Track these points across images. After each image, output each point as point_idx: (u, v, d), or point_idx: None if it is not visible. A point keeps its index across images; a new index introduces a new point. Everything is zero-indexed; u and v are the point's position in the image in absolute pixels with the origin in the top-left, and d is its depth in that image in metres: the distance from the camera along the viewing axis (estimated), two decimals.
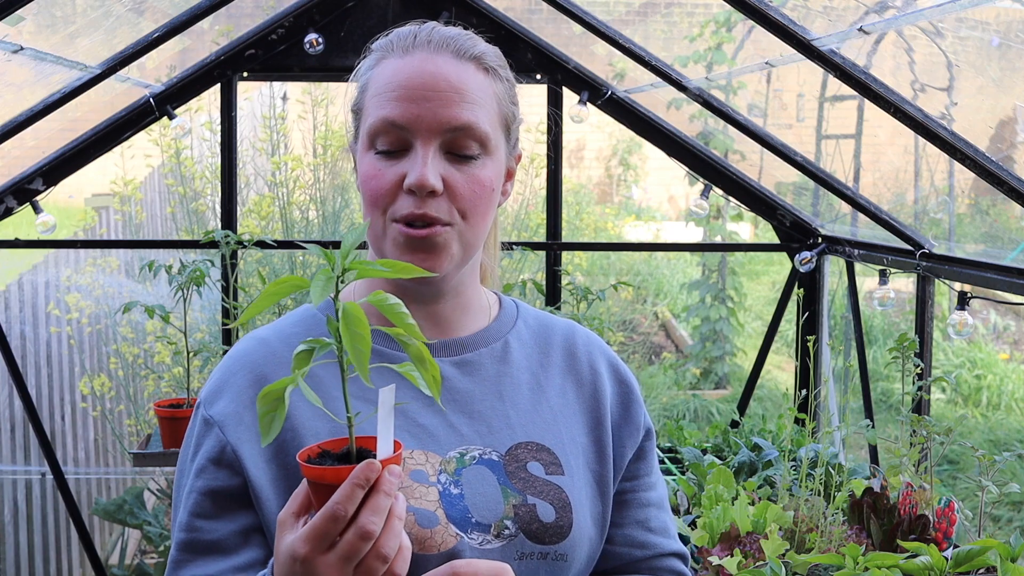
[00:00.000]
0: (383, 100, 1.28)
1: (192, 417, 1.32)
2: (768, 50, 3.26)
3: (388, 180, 1.27)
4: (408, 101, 1.26)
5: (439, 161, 1.27)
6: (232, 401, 1.28)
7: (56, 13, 3.12)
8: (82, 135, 3.82)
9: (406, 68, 1.28)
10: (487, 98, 1.31)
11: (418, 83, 1.27)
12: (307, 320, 1.36)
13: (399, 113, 1.26)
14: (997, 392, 7.62)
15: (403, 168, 1.27)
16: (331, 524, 1.05)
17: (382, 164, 1.28)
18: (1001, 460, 2.61)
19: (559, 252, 4.20)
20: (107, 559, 5.03)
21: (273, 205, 5.49)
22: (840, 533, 2.57)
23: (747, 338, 8.53)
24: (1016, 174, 2.64)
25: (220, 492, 1.25)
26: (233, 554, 1.24)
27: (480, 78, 1.31)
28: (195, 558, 1.24)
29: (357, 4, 3.84)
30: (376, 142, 1.28)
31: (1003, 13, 2.49)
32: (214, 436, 1.27)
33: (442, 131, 1.26)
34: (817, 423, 3.71)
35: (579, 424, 1.37)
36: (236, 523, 1.25)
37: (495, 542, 1.26)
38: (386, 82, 1.29)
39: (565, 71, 3.99)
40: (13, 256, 4.79)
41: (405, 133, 1.27)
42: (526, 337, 1.40)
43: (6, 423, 4.67)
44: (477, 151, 1.29)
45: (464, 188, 1.27)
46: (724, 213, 7.77)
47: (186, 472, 1.29)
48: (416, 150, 1.26)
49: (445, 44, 1.30)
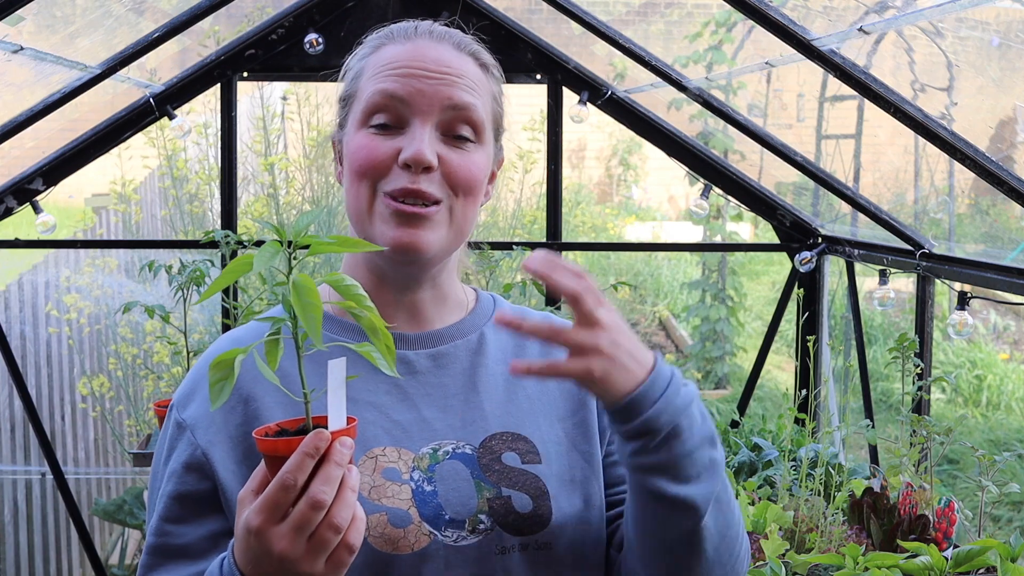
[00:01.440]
0: (383, 76, 1.28)
1: (166, 419, 1.32)
2: (768, 50, 3.26)
3: (382, 152, 1.27)
4: (409, 77, 1.27)
5: (435, 140, 1.27)
6: (204, 403, 1.28)
7: (56, 13, 3.12)
8: (82, 135, 3.82)
9: (409, 49, 1.30)
10: (483, 90, 1.32)
11: (420, 63, 1.28)
12: (279, 317, 1.38)
13: (400, 86, 1.27)
14: (997, 392, 7.62)
15: (398, 143, 1.27)
16: (281, 493, 1.05)
17: (376, 138, 1.28)
18: (1001, 460, 2.61)
19: (559, 252, 4.20)
20: (107, 559, 5.03)
21: (268, 206, 5.50)
22: (840, 533, 2.57)
23: (747, 338, 8.53)
24: (1016, 174, 2.64)
25: (190, 496, 1.25)
26: (201, 559, 1.23)
27: (478, 71, 1.32)
28: (164, 562, 1.24)
29: (357, 4, 3.84)
30: (372, 117, 1.28)
31: (1003, 13, 2.49)
32: (186, 440, 1.27)
33: (441, 108, 1.27)
34: (817, 423, 3.71)
35: (561, 409, 1.36)
36: (205, 528, 1.25)
37: (470, 538, 1.25)
38: (387, 62, 1.29)
39: (565, 71, 3.99)
40: (13, 256, 4.79)
41: (404, 108, 1.27)
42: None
43: (6, 423, 4.67)
44: (471, 135, 1.29)
45: (460, 168, 1.28)
46: (724, 213, 7.77)
47: (160, 475, 1.29)
48: (414, 126, 1.27)
49: (445, 36, 1.32)
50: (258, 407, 1.27)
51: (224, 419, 1.26)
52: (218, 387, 1.07)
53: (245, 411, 1.27)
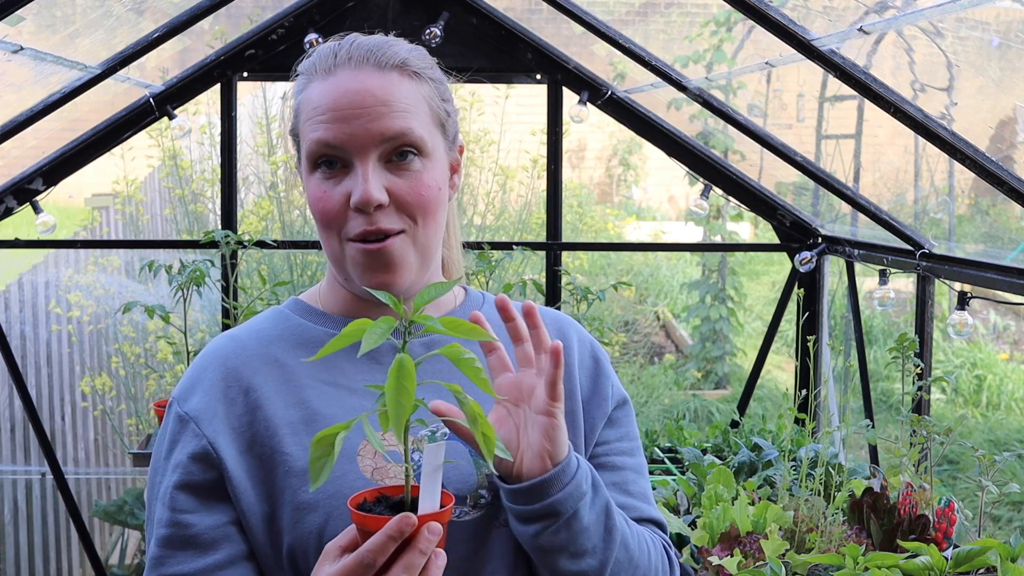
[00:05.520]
0: (314, 124, 1.30)
1: (165, 416, 1.34)
2: (768, 50, 3.26)
3: (335, 201, 1.29)
4: (338, 122, 1.28)
5: (380, 173, 1.29)
6: (205, 396, 1.31)
7: (56, 13, 3.12)
8: (82, 135, 3.82)
9: (331, 89, 1.30)
10: (416, 102, 1.32)
11: (345, 103, 1.29)
12: (274, 316, 1.41)
13: (332, 135, 1.28)
14: (997, 392, 7.62)
15: (347, 187, 1.29)
16: (359, 569, 1.07)
17: (326, 185, 1.30)
18: (1001, 460, 2.61)
19: (559, 252, 4.20)
20: (107, 559, 5.03)
21: (272, 204, 5.49)
22: (840, 533, 2.57)
23: (747, 338, 8.53)
24: (1016, 174, 2.64)
25: (197, 486, 1.27)
26: (211, 550, 1.26)
27: (406, 84, 1.32)
28: (175, 553, 1.26)
29: (357, 4, 3.84)
30: (317, 164, 1.31)
31: (1003, 13, 2.49)
32: (190, 432, 1.29)
33: (376, 143, 1.28)
34: (817, 423, 3.71)
35: None
36: (213, 517, 1.27)
37: (473, 512, 1.29)
38: (315, 106, 1.31)
39: (565, 71, 3.99)
40: (13, 256, 4.79)
41: (342, 152, 1.29)
42: (492, 318, 1.42)
43: (6, 423, 4.67)
44: (415, 156, 1.31)
45: (409, 194, 1.29)
46: (724, 213, 7.77)
47: (160, 470, 1.31)
48: (356, 168, 1.28)
49: (366, 58, 1.31)
50: (258, 397, 1.30)
51: (226, 411, 1.29)
52: (319, 464, 1.07)
53: (246, 401, 1.30)
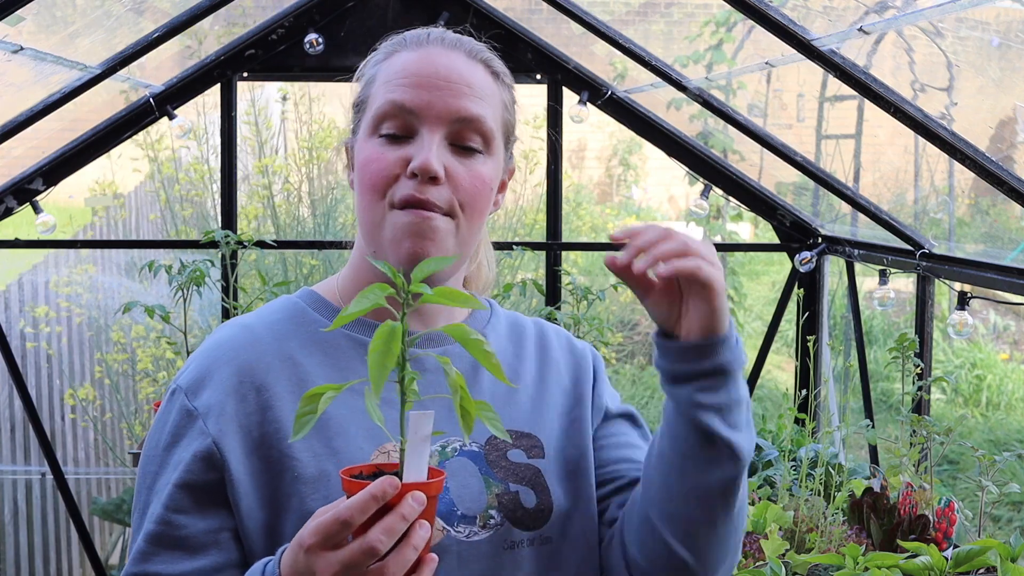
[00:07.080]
0: (393, 85, 1.29)
1: (166, 402, 1.30)
2: (768, 50, 3.26)
3: (390, 162, 1.27)
4: (419, 88, 1.28)
5: (443, 151, 1.27)
6: (216, 391, 1.27)
7: (56, 13, 3.12)
8: (82, 135, 3.82)
9: (420, 57, 1.30)
10: (494, 99, 1.33)
11: (431, 71, 1.28)
12: (289, 308, 1.37)
13: (409, 97, 1.27)
14: (997, 392, 7.62)
15: (407, 152, 1.27)
16: (336, 525, 1.05)
17: (385, 148, 1.28)
18: (1001, 460, 2.61)
19: (559, 252, 4.20)
20: (107, 559, 5.03)
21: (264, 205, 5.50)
22: (840, 533, 2.57)
23: (747, 338, 8.53)
24: (1016, 174, 2.64)
25: (196, 487, 1.24)
26: (199, 554, 1.23)
27: (489, 80, 1.33)
28: (161, 552, 1.23)
29: (357, 4, 3.84)
30: (382, 126, 1.29)
31: (1003, 13, 2.49)
32: (197, 428, 1.25)
33: (450, 120, 1.27)
34: (817, 423, 3.71)
35: (559, 406, 1.39)
36: (207, 521, 1.24)
37: (482, 533, 1.27)
38: (397, 71, 1.30)
39: (565, 71, 3.99)
40: (13, 256, 4.79)
41: (413, 118, 1.27)
42: (502, 330, 1.42)
43: (6, 423, 4.68)
44: (480, 147, 1.30)
45: (465, 180, 1.28)
46: (724, 213, 7.77)
47: (158, 461, 1.27)
48: (422, 136, 1.27)
49: (458, 43, 1.33)
50: (270, 397, 1.27)
51: (236, 408, 1.26)
52: (304, 419, 1.06)
53: (258, 399, 1.26)
